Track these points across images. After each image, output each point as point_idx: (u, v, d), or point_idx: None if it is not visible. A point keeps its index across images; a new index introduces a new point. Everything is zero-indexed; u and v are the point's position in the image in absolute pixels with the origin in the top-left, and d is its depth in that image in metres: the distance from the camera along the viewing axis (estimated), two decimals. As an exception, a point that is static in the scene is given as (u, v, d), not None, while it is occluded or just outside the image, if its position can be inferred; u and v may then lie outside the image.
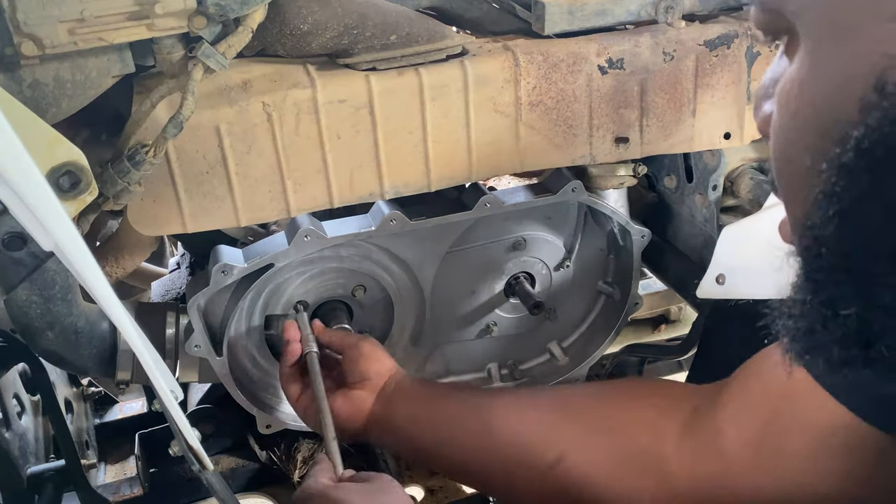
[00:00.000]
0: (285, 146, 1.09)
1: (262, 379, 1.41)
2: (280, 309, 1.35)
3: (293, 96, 1.07)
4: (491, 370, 1.57)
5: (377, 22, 1.08)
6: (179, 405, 0.92)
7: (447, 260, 1.40)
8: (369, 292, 1.39)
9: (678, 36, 1.21)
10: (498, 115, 1.17)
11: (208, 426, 1.49)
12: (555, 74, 1.17)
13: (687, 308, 1.85)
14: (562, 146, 1.22)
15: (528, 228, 1.44)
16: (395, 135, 1.14)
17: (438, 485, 1.54)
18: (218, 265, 1.18)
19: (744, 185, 1.35)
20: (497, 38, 1.21)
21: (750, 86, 1.25)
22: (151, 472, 1.44)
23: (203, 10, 0.94)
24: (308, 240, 1.20)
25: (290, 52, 1.10)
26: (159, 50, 0.98)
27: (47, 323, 1.12)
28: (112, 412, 2.04)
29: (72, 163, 0.84)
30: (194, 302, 1.21)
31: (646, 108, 1.23)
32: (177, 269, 1.69)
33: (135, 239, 1.37)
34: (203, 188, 1.09)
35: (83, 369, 1.22)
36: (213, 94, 1.05)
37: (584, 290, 1.56)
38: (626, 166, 1.35)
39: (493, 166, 1.21)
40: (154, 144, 0.98)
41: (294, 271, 1.32)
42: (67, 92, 0.96)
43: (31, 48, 0.89)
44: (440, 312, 1.48)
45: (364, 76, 1.10)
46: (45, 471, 1.37)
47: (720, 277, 1.22)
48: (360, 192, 1.16)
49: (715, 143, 1.29)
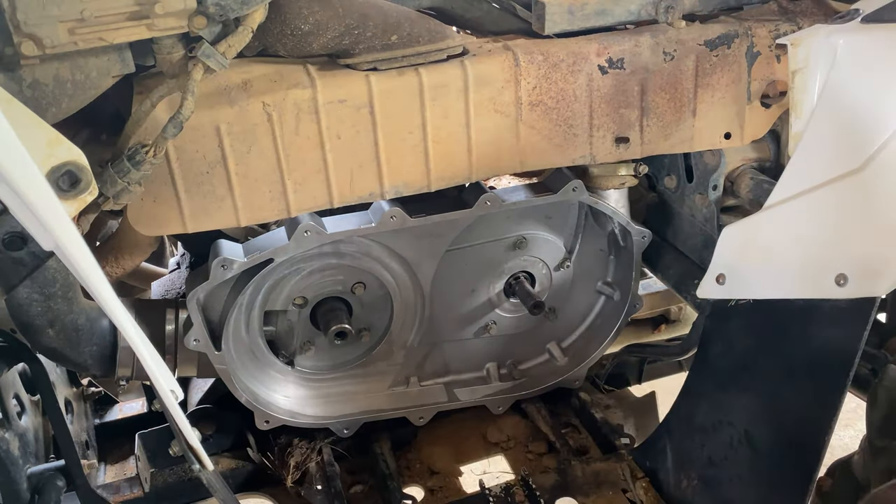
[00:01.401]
0: (285, 146, 1.09)
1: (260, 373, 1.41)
2: (280, 305, 1.35)
3: (293, 96, 1.07)
4: (490, 369, 1.57)
5: (378, 22, 1.08)
6: (179, 405, 0.92)
7: (447, 258, 1.40)
8: (369, 289, 1.39)
9: (678, 36, 1.21)
10: (498, 115, 1.17)
11: (208, 426, 1.49)
12: (555, 74, 1.17)
13: (687, 308, 1.85)
14: (562, 146, 1.22)
15: (529, 228, 1.44)
16: (396, 135, 1.14)
17: (438, 485, 1.54)
18: (218, 259, 1.18)
19: (744, 185, 1.35)
20: (497, 38, 1.21)
21: (750, 85, 1.25)
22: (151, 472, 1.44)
23: (203, 10, 0.94)
24: (308, 235, 1.20)
25: (291, 53, 1.10)
26: (159, 50, 0.98)
27: (48, 321, 1.13)
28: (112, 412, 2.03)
29: (72, 162, 0.84)
30: (193, 295, 1.21)
31: (646, 107, 1.23)
32: (177, 269, 1.69)
33: (135, 239, 1.37)
34: (203, 188, 1.09)
35: (84, 366, 1.22)
36: (213, 94, 1.05)
37: (585, 291, 1.56)
38: (626, 166, 1.35)
39: (493, 166, 1.21)
40: (154, 144, 0.98)
41: (293, 267, 1.32)
42: (67, 92, 0.96)
43: (32, 48, 0.89)
44: (439, 310, 1.48)
45: (364, 76, 1.10)
46: (45, 471, 1.37)
47: (720, 277, 1.22)
48: (360, 191, 1.16)
49: (715, 143, 1.29)
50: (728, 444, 1.30)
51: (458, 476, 1.56)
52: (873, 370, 1.41)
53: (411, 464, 1.57)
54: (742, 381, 1.32)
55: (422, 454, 1.58)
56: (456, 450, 1.59)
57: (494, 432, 1.61)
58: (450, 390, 1.54)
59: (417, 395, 1.52)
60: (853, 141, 1.07)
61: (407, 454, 1.58)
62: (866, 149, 1.06)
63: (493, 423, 1.61)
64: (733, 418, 1.31)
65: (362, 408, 1.48)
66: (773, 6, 1.28)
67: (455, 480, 1.55)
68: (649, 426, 1.60)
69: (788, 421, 1.22)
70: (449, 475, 1.55)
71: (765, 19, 1.24)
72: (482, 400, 1.55)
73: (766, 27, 1.23)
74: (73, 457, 1.36)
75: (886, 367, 1.33)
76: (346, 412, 1.47)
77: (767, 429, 1.25)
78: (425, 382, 1.54)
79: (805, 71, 1.13)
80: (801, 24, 1.23)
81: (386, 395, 1.51)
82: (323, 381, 1.49)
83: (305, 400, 1.46)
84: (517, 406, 1.61)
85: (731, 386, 1.34)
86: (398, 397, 1.52)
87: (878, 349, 1.45)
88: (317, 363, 1.47)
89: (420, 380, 1.53)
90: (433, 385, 1.54)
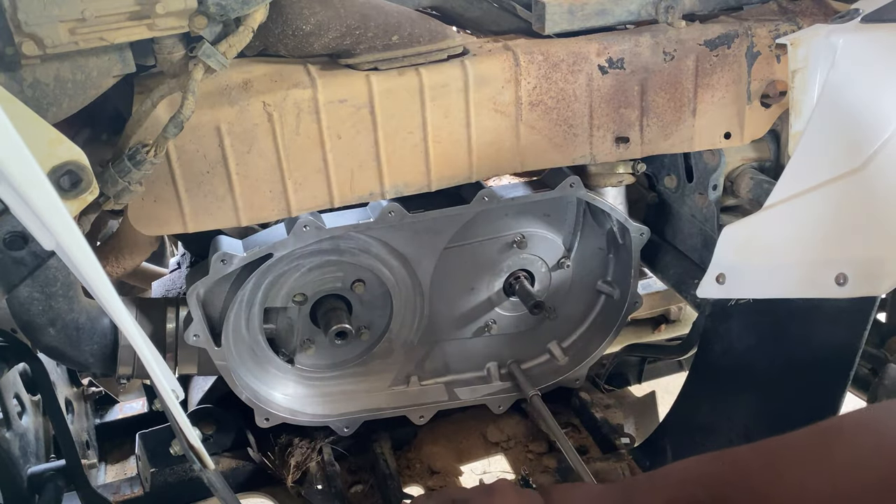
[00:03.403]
0: (286, 146, 1.09)
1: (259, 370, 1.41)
2: (279, 302, 1.35)
3: (294, 96, 1.07)
4: (490, 369, 1.57)
5: (379, 22, 1.08)
6: (180, 404, 0.92)
7: (446, 255, 1.41)
8: (368, 287, 1.39)
9: (678, 36, 1.21)
10: (498, 115, 1.17)
11: (209, 426, 1.49)
12: (555, 74, 1.17)
13: (687, 308, 1.86)
14: (562, 146, 1.22)
15: (527, 226, 1.44)
16: (396, 134, 1.14)
17: (439, 484, 1.54)
18: (217, 254, 1.18)
19: (744, 184, 1.35)
20: (497, 38, 1.21)
21: (750, 85, 1.25)
22: (152, 471, 1.43)
23: (204, 10, 0.94)
24: (307, 230, 1.20)
25: (292, 53, 1.10)
26: (160, 50, 0.98)
27: (49, 319, 1.13)
28: (112, 412, 2.03)
29: (73, 162, 0.85)
30: (193, 290, 1.21)
31: (646, 107, 1.23)
32: (177, 269, 1.69)
33: (135, 238, 1.37)
34: (204, 188, 1.09)
35: (85, 365, 1.23)
36: (213, 93, 1.05)
37: (584, 290, 1.56)
38: (625, 164, 1.35)
39: (493, 166, 1.21)
40: (155, 144, 0.98)
41: (293, 264, 1.32)
42: (68, 91, 0.96)
43: (32, 48, 0.89)
44: (439, 309, 1.48)
45: (364, 76, 1.10)
46: (46, 471, 1.37)
47: (720, 277, 1.22)
48: (360, 191, 1.16)
49: (715, 143, 1.29)
50: (728, 444, 1.31)
51: (458, 476, 1.56)
52: (873, 370, 1.41)
53: (411, 463, 1.57)
54: (742, 381, 1.32)
55: (422, 454, 1.58)
56: (456, 449, 1.59)
57: (494, 432, 1.61)
58: (450, 389, 1.54)
59: (418, 394, 1.53)
60: (853, 140, 1.08)
61: (407, 454, 1.58)
62: (866, 148, 1.06)
63: (494, 422, 1.61)
64: (733, 418, 1.31)
65: (362, 406, 1.48)
66: (773, 6, 1.28)
67: (455, 480, 1.55)
68: (649, 426, 1.60)
69: (788, 420, 1.22)
70: (449, 475, 1.55)
71: (765, 19, 1.24)
72: (483, 399, 1.56)
73: (766, 27, 1.23)
74: (73, 456, 1.36)
75: (886, 366, 1.33)
76: (347, 410, 1.47)
77: (767, 428, 1.25)
78: (426, 381, 1.54)
79: (805, 71, 1.13)
80: (801, 24, 1.23)
81: (386, 394, 1.52)
82: (323, 380, 1.49)
83: (305, 398, 1.46)
84: (517, 406, 1.61)
85: (730, 386, 1.34)
86: (399, 396, 1.52)
87: (878, 349, 1.45)
88: (317, 361, 1.47)
89: (420, 379, 1.53)
90: (433, 384, 1.55)
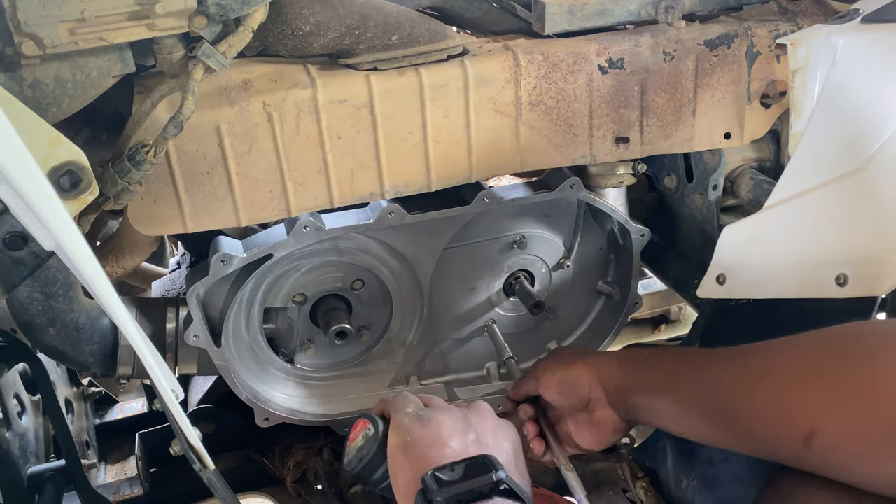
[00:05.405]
0: (286, 146, 1.09)
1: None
2: (279, 302, 1.35)
3: (294, 96, 1.07)
4: (490, 369, 1.58)
5: (379, 22, 1.08)
6: (180, 404, 0.92)
7: (446, 256, 1.41)
8: (368, 287, 1.39)
9: (678, 36, 1.21)
10: (498, 115, 1.17)
11: (209, 425, 1.49)
12: (555, 74, 1.17)
13: (687, 308, 1.86)
14: (562, 146, 1.22)
15: (527, 226, 1.44)
16: (396, 135, 1.14)
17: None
18: (217, 254, 1.18)
19: (744, 184, 1.35)
20: (497, 38, 1.21)
21: (750, 85, 1.25)
22: (151, 472, 1.44)
23: (203, 10, 0.94)
24: (307, 231, 1.20)
25: (292, 53, 1.10)
26: (160, 50, 0.98)
27: (49, 319, 1.13)
28: (112, 412, 2.04)
29: (72, 162, 0.85)
30: (193, 291, 1.21)
31: (646, 107, 1.23)
32: (177, 269, 1.69)
33: (135, 239, 1.37)
34: (203, 188, 1.09)
35: (85, 365, 1.23)
36: (213, 93, 1.05)
37: (584, 290, 1.56)
38: (625, 164, 1.35)
39: (493, 166, 1.21)
40: (154, 144, 0.98)
41: (293, 264, 1.32)
42: (68, 91, 0.96)
43: (32, 48, 0.89)
44: (439, 309, 1.48)
45: (364, 76, 1.10)
46: (46, 471, 1.37)
47: (720, 277, 1.22)
48: (360, 191, 1.16)
49: (715, 143, 1.29)
50: (728, 444, 1.30)
51: (458, 475, 1.55)
52: (873, 370, 1.41)
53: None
54: (742, 381, 1.32)
55: (422, 454, 1.58)
56: (456, 449, 1.59)
57: (494, 432, 1.60)
58: (450, 389, 1.54)
59: (418, 393, 1.52)
60: (853, 140, 1.08)
61: (407, 454, 1.57)
62: (866, 148, 1.06)
63: (493, 422, 1.61)
64: (733, 418, 1.31)
65: (363, 406, 1.48)
66: (773, 6, 1.28)
67: (455, 480, 1.54)
68: (649, 427, 1.60)
69: (788, 420, 1.21)
70: (449, 475, 1.55)
71: (765, 19, 1.24)
72: (482, 399, 1.55)
73: (766, 27, 1.23)
74: (73, 457, 1.36)
75: (886, 366, 1.33)
76: (347, 410, 1.47)
77: (767, 428, 1.25)
78: (425, 381, 1.54)
79: (805, 71, 1.13)
80: (801, 24, 1.23)
81: (386, 394, 1.51)
82: (323, 380, 1.49)
83: (305, 398, 1.46)
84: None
85: (730, 385, 1.34)
86: (398, 397, 1.52)
87: (878, 349, 1.45)
88: (317, 361, 1.47)
89: (420, 378, 1.53)
90: (433, 384, 1.55)
